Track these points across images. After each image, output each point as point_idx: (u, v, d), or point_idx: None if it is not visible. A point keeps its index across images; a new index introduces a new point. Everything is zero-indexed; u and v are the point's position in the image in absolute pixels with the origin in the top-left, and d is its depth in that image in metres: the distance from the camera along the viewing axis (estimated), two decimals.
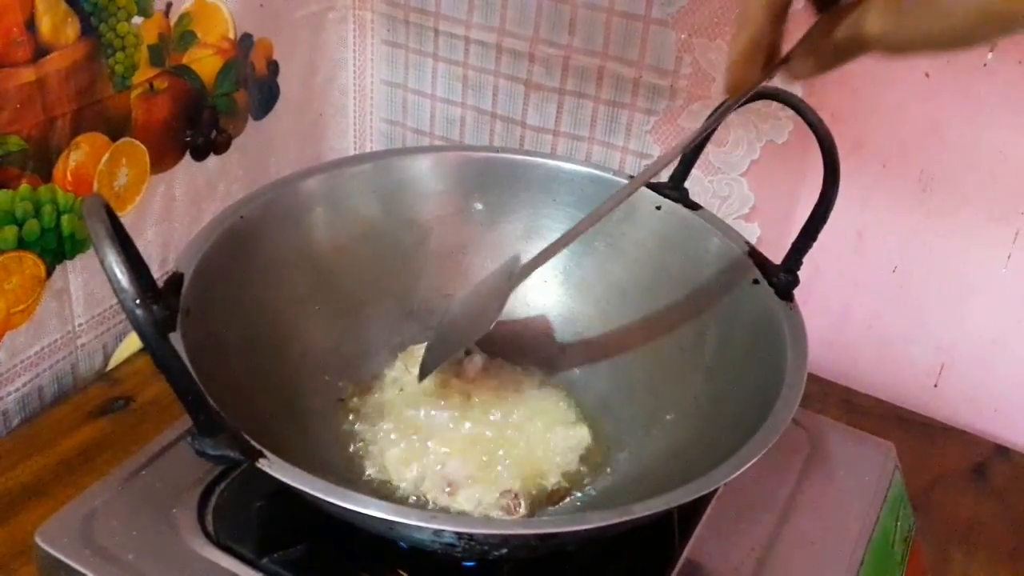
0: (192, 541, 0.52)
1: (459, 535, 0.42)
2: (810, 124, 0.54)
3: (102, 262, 0.37)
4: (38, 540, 0.51)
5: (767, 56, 0.46)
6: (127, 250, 0.38)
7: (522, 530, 0.45)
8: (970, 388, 0.82)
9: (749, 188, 0.83)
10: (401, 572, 0.52)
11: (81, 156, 0.69)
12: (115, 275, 0.37)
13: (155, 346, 0.38)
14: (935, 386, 0.84)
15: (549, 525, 0.47)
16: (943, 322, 0.81)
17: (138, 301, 0.37)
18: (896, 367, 0.84)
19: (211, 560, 0.51)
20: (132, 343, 0.80)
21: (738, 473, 0.43)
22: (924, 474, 0.74)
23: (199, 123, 0.79)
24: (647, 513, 0.42)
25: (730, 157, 0.82)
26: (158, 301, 0.46)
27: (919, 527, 0.65)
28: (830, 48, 0.43)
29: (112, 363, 0.79)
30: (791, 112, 0.56)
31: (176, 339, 0.46)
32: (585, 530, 0.42)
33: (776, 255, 0.59)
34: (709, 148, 0.67)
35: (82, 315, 0.75)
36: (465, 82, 0.92)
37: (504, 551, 0.45)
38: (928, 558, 0.66)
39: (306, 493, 0.42)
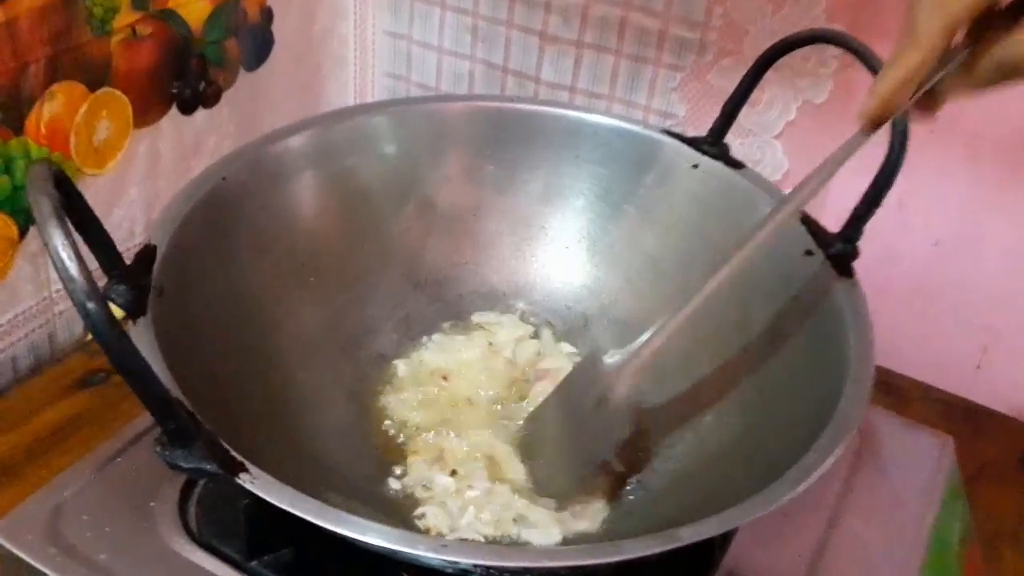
0: (172, 540, 0.50)
1: (476, 567, 0.38)
2: (873, 71, 0.52)
3: (46, 245, 0.33)
4: None
5: (921, 83, 0.45)
6: (85, 225, 0.33)
7: (549, 562, 0.40)
8: (1014, 371, 0.80)
9: (783, 152, 0.81)
10: None
11: (56, 107, 0.67)
12: (62, 262, 0.33)
13: (113, 346, 0.34)
14: (977, 367, 0.82)
15: (582, 555, 0.42)
16: (987, 300, 0.79)
17: (89, 293, 0.32)
18: (937, 346, 0.82)
19: (193, 562, 0.49)
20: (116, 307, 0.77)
21: (800, 490, 0.39)
22: (969, 464, 0.71)
23: (186, 73, 0.78)
24: (696, 540, 0.38)
25: (763, 118, 0.80)
26: (125, 280, 0.43)
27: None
28: (984, 72, 0.44)
29: None
30: (831, 68, 0.53)
31: (146, 324, 0.44)
32: (625, 560, 0.37)
33: None
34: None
35: (59, 280, 0.71)
36: (475, 33, 0.90)
37: None
38: (977, 556, 0.63)
39: (294, 515, 0.38)
